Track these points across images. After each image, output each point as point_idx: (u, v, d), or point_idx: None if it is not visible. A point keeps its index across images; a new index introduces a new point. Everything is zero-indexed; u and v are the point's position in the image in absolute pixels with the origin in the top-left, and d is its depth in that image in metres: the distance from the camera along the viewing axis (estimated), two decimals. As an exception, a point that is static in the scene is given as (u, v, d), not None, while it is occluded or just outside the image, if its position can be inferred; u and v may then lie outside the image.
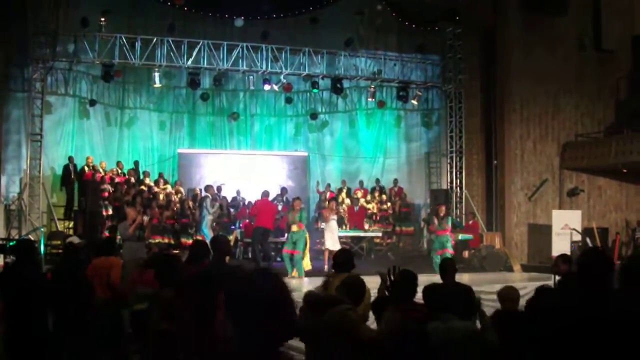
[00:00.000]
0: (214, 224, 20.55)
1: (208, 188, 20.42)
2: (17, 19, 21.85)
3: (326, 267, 18.61)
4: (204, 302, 6.27)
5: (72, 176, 22.14)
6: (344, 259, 8.31)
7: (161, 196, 21.74)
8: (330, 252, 18.64)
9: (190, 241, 20.67)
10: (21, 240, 15.79)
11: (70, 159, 22.42)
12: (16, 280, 7.61)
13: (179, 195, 22.56)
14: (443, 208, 20.09)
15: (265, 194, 20.32)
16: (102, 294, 10.13)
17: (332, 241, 19.43)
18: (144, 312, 7.31)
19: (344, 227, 23.11)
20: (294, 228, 18.07)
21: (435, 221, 19.41)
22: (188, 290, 7.45)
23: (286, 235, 18.93)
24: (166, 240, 20.36)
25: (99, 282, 9.93)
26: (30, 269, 7.98)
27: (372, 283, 7.50)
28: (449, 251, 18.84)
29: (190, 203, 21.86)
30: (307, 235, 18.38)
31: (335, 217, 20.09)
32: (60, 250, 17.70)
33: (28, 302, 7.32)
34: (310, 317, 5.82)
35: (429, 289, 6.58)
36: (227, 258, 9.62)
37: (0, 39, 21.38)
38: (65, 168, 22.29)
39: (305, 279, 16.98)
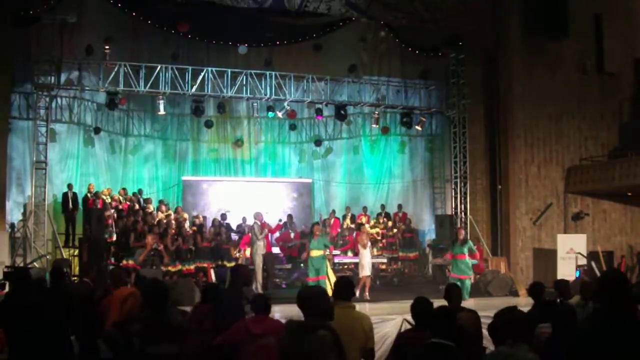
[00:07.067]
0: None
1: (257, 215, 20.18)
2: (21, 47, 21.96)
3: (367, 294, 18.57)
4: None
5: (70, 204, 22.08)
6: (345, 286, 7.84)
7: (165, 222, 21.64)
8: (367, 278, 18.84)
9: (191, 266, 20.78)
10: (18, 269, 15.77)
11: (70, 186, 22.37)
12: (13, 309, 7.62)
13: (177, 221, 22.35)
14: (462, 232, 20.09)
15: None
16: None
17: (369, 267, 19.35)
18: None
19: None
20: (314, 254, 18.04)
21: (456, 243, 19.37)
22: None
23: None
24: (178, 267, 20.30)
25: (115, 312, 9.90)
26: (26, 297, 7.99)
27: (378, 310, 7.45)
28: (467, 277, 18.77)
29: (190, 230, 21.83)
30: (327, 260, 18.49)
31: (368, 242, 19.94)
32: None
33: (26, 329, 7.32)
34: (291, 344, 5.78)
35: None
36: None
37: (4, 67, 21.45)
38: (64, 196, 22.25)
39: None
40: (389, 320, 13.90)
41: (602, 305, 5.07)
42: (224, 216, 22.87)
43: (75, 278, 18.80)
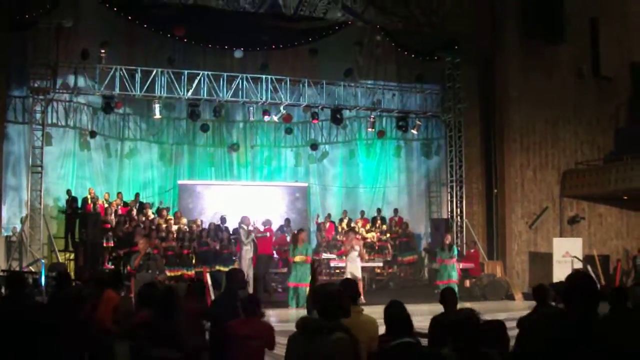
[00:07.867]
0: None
1: (243, 219, 20.29)
2: (17, 51, 21.95)
3: (362, 297, 18.51)
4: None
5: (69, 209, 22.07)
6: (349, 287, 7.73)
7: (164, 226, 21.62)
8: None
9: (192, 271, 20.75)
10: (12, 273, 15.72)
11: (69, 192, 22.41)
12: (8, 313, 7.63)
13: (178, 226, 22.35)
14: (448, 237, 20.18)
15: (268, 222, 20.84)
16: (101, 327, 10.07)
17: (357, 272, 19.33)
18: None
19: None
20: (298, 259, 18.31)
21: (443, 249, 19.47)
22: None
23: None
24: (177, 273, 20.27)
25: (102, 315, 9.88)
26: (20, 301, 7.99)
27: (373, 313, 7.42)
28: (454, 281, 18.79)
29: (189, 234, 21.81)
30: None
31: (357, 247, 19.88)
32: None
33: (20, 333, 7.32)
34: (302, 344, 5.68)
35: (435, 321, 6.60)
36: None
37: (0, 71, 21.44)
38: (66, 202, 22.28)
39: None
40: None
41: (571, 306, 5.18)
42: (223, 219, 22.77)
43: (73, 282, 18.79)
